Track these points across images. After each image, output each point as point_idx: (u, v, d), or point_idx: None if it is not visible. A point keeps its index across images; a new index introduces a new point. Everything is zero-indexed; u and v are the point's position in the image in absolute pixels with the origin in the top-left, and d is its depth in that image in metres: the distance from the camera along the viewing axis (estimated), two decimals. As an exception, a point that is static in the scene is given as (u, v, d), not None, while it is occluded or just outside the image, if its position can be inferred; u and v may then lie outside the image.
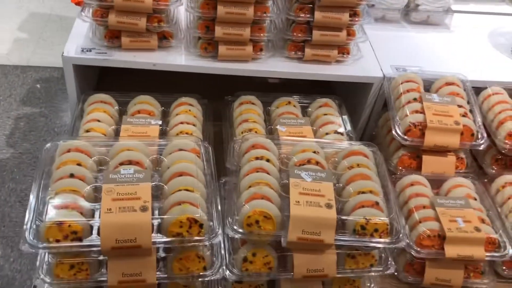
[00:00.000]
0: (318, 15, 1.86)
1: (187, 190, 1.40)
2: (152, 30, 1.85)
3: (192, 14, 1.84)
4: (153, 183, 1.39)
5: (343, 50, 2.00)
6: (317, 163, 1.58)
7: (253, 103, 1.98)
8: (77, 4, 2.06)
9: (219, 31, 1.84)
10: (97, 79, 2.25)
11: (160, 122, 1.76)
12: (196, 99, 1.96)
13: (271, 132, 1.85)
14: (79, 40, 1.91)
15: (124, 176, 1.37)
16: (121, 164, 1.46)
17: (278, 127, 1.82)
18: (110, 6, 1.77)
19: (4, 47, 4.13)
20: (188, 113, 1.87)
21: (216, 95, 1.98)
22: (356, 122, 2.13)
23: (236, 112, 1.95)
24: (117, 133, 1.74)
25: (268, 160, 1.56)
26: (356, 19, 1.91)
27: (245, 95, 2.00)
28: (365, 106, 2.09)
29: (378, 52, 2.09)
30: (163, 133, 1.75)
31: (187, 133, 1.73)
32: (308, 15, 1.88)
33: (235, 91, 2.03)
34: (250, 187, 1.47)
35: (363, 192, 1.50)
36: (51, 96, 3.71)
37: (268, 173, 1.52)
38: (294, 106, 2.00)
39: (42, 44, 4.16)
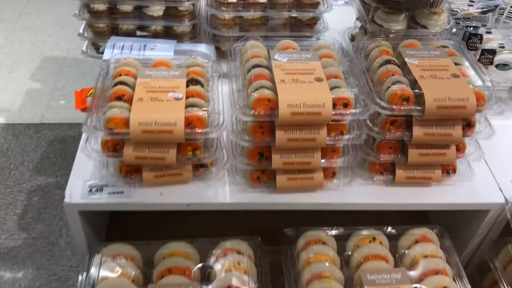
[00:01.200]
0: (418, 131, 1.31)
1: None
2: (186, 162, 1.33)
3: (240, 142, 1.30)
4: None
5: (448, 167, 1.43)
6: None
7: (324, 243, 1.44)
8: (83, 110, 1.55)
9: (277, 161, 1.30)
10: (109, 217, 1.73)
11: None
12: (245, 241, 1.43)
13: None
14: (85, 174, 1.40)
15: None
16: None
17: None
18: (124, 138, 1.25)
19: (16, 102, 3.68)
20: (236, 267, 1.35)
21: (269, 223, 1.47)
22: (459, 250, 1.57)
23: (302, 257, 1.41)
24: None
25: None
26: (471, 131, 1.34)
27: (312, 230, 1.46)
28: (474, 235, 1.53)
29: (495, 164, 1.51)
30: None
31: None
32: (402, 132, 1.32)
33: (294, 218, 1.49)
34: None
35: None
36: (67, 162, 3.23)
37: None
38: (381, 243, 1.45)
39: (57, 95, 3.69)
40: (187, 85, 1.35)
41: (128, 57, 1.44)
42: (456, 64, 1.39)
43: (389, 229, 1.50)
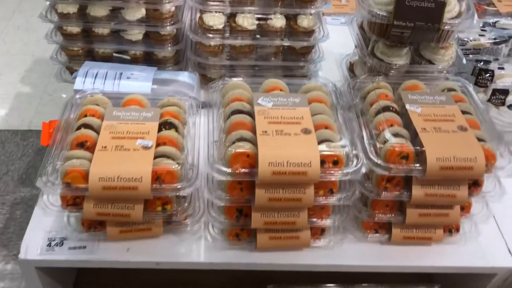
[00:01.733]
0: (418, 191, 1.15)
1: None
2: (155, 218, 1.18)
3: (214, 201, 1.15)
4: None
5: (451, 225, 1.28)
6: None
7: (310, 304, 1.30)
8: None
9: (258, 220, 1.15)
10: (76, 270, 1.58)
11: None
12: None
13: None
14: (44, 225, 1.26)
15: None
16: None
17: None
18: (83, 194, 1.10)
19: (4, 106, 3.53)
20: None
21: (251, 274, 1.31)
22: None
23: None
24: None
25: None
26: (478, 191, 1.19)
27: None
28: (479, 297, 1.38)
29: (504, 222, 1.36)
30: None
31: None
32: (400, 191, 1.17)
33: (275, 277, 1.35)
34: None
35: None
36: (54, 173, 3.09)
37: None
38: (372, 305, 1.30)
39: (46, 100, 3.54)
40: (160, 129, 1.20)
41: (96, 94, 1.29)
42: (464, 112, 1.23)
43: (385, 288, 1.36)
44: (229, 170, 1.07)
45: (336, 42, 1.62)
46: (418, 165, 1.12)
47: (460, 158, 1.10)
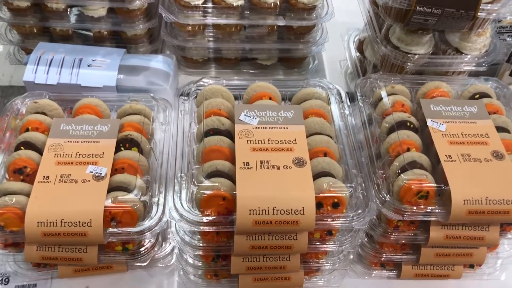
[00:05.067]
0: (436, 233, 0.93)
1: None
2: (115, 260, 0.97)
3: (183, 249, 0.93)
4: None
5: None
6: None
7: None
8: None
9: (238, 265, 0.94)
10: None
11: None
12: None
13: None
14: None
15: None
16: None
17: None
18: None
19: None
20: None
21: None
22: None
23: None
24: None
25: None
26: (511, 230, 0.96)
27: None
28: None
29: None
30: None
31: None
32: (414, 232, 0.95)
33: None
34: None
35: None
36: None
37: None
38: None
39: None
40: (118, 148, 0.97)
41: (42, 99, 1.04)
42: (499, 129, 0.98)
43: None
44: (198, 217, 0.84)
45: (342, 9, 1.32)
46: (440, 208, 0.88)
47: (494, 200, 0.86)
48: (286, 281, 1.01)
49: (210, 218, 0.84)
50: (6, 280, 1.03)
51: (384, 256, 1.00)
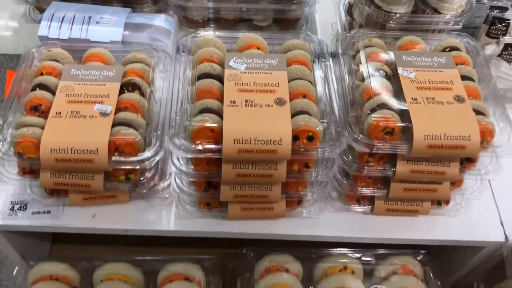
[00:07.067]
0: (402, 168, 1.05)
1: None
2: (118, 188, 1.11)
3: (181, 176, 1.06)
4: None
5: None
6: None
7: (287, 270, 1.25)
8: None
9: (227, 193, 1.07)
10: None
11: None
12: (196, 264, 1.25)
13: None
14: (8, 188, 1.19)
15: None
16: None
17: None
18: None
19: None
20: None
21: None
22: (446, 274, 1.38)
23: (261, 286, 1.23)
24: None
25: None
26: (471, 167, 1.08)
27: (274, 254, 1.27)
28: (464, 267, 1.32)
29: (501, 197, 1.25)
30: None
31: None
32: (383, 167, 1.06)
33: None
34: None
35: None
36: None
37: None
38: (353, 272, 1.26)
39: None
40: (122, 91, 1.09)
41: (55, 48, 1.17)
42: (464, 78, 1.08)
43: (365, 255, 1.30)
44: (191, 147, 0.97)
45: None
46: (403, 142, 1.00)
47: (452, 136, 0.98)
48: (270, 211, 1.14)
49: (200, 147, 0.97)
50: (24, 206, 1.17)
51: (358, 190, 1.12)
